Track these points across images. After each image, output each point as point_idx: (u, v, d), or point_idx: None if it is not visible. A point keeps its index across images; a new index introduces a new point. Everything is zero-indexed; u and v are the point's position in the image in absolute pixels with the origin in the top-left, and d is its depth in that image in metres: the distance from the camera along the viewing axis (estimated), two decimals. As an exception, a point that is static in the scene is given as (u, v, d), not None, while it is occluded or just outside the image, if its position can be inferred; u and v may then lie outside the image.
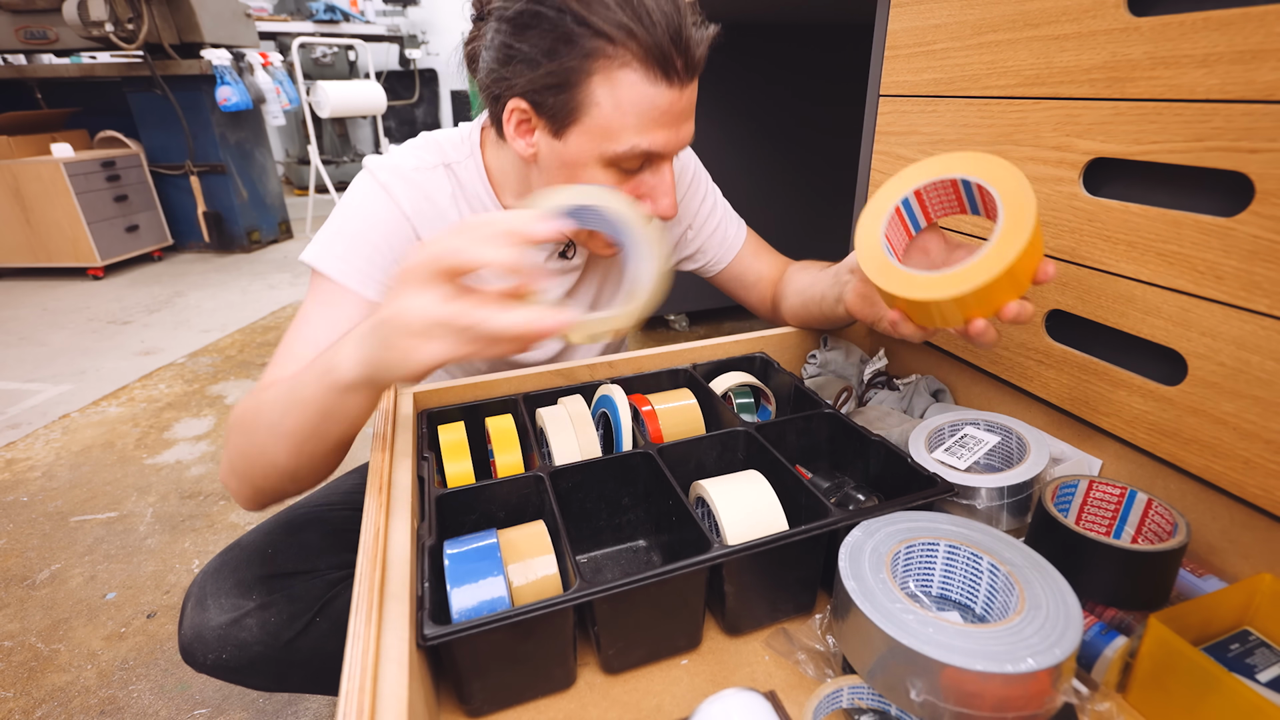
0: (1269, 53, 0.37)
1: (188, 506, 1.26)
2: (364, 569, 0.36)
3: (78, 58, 3.15)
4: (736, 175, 1.83)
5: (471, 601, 0.38)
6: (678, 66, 0.53)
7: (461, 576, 0.39)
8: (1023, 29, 0.51)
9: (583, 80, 0.54)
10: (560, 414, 0.57)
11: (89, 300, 2.53)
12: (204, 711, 0.84)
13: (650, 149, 0.56)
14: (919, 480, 0.47)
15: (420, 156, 0.69)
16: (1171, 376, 0.45)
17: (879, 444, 0.51)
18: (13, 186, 2.64)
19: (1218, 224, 0.40)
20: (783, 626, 0.45)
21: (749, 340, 0.71)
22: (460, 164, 0.70)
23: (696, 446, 0.54)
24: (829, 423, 0.57)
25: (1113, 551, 0.40)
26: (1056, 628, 0.33)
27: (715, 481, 0.47)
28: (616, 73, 0.53)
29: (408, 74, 4.85)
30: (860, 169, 0.73)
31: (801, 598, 0.46)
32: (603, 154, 0.56)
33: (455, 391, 0.61)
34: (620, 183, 0.60)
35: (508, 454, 0.54)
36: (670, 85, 0.54)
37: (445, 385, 0.61)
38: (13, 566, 1.11)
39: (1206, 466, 0.43)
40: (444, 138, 0.71)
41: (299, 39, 3.28)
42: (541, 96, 0.56)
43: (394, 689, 0.30)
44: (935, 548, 0.41)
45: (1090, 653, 0.39)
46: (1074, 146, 0.48)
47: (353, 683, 0.29)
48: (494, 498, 0.48)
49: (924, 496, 0.45)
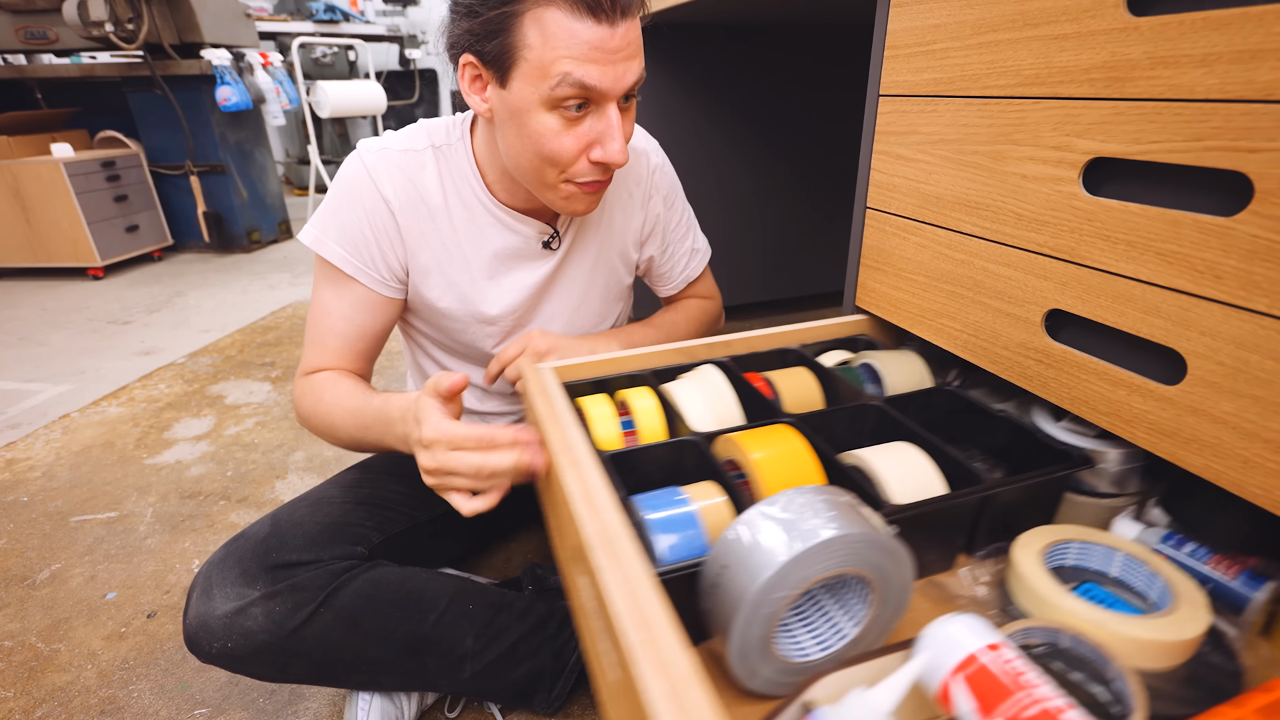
0: (1268, 52, 0.37)
1: (188, 506, 1.26)
2: (584, 514, 0.40)
3: (78, 58, 3.15)
4: (735, 175, 1.83)
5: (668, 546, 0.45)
6: (604, 3, 0.55)
7: (663, 526, 0.45)
8: (1022, 29, 0.51)
9: (514, 23, 0.56)
10: (689, 386, 0.61)
11: (89, 300, 2.53)
12: (204, 711, 0.84)
13: (583, 81, 0.57)
14: (1049, 454, 0.51)
15: (410, 139, 0.72)
16: (1171, 376, 0.45)
17: (1002, 419, 0.55)
18: (13, 186, 2.64)
19: (1217, 223, 0.40)
20: (932, 579, 0.50)
21: (850, 323, 0.76)
22: (449, 147, 0.73)
23: (829, 417, 0.58)
24: (949, 398, 0.60)
25: None
26: None
27: (870, 451, 0.52)
28: (543, 11, 0.55)
29: (408, 74, 4.85)
30: (860, 169, 0.73)
31: (946, 556, 0.51)
32: (542, 96, 0.58)
33: (589, 367, 0.66)
34: (567, 129, 0.61)
35: (651, 422, 0.59)
36: (598, 21, 0.56)
37: (580, 362, 0.65)
38: (13, 566, 1.11)
39: (1206, 466, 0.43)
40: (436, 124, 0.75)
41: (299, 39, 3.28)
42: (483, 45, 0.59)
43: (655, 605, 0.33)
44: None
45: (1239, 598, 0.42)
46: (1073, 146, 0.48)
47: (620, 603, 0.33)
48: (653, 460, 0.54)
49: (1067, 468, 0.50)
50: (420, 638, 0.69)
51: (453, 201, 0.73)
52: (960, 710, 0.33)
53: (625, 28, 0.57)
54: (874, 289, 0.74)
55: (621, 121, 0.62)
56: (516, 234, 0.75)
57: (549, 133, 0.61)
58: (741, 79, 1.74)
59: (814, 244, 2.07)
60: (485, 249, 0.75)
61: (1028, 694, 0.31)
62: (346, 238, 0.71)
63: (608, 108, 0.61)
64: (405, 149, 0.71)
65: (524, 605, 0.76)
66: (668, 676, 0.29)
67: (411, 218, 0.71)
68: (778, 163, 1.89)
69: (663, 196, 0.84)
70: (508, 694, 0.76)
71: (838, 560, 0.37)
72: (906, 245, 0.68)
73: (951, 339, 0.64)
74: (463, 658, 0.71)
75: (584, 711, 0.81)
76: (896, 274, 0.70)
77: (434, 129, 0.73)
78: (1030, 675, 0.32)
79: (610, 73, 0.58)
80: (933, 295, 0.65)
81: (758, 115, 1.80)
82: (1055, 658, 0.40)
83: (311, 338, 0.75)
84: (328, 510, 0.73)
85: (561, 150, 0.62)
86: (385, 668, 0.69)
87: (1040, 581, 0.43)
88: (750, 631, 0.37)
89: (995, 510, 0.50)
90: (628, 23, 0.58)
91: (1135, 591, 0.45)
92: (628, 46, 0.58)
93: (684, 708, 0.27)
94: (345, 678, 0.69)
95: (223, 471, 1.37)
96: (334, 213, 0.71)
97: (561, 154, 0.62)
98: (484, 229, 0.74)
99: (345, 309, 0.74)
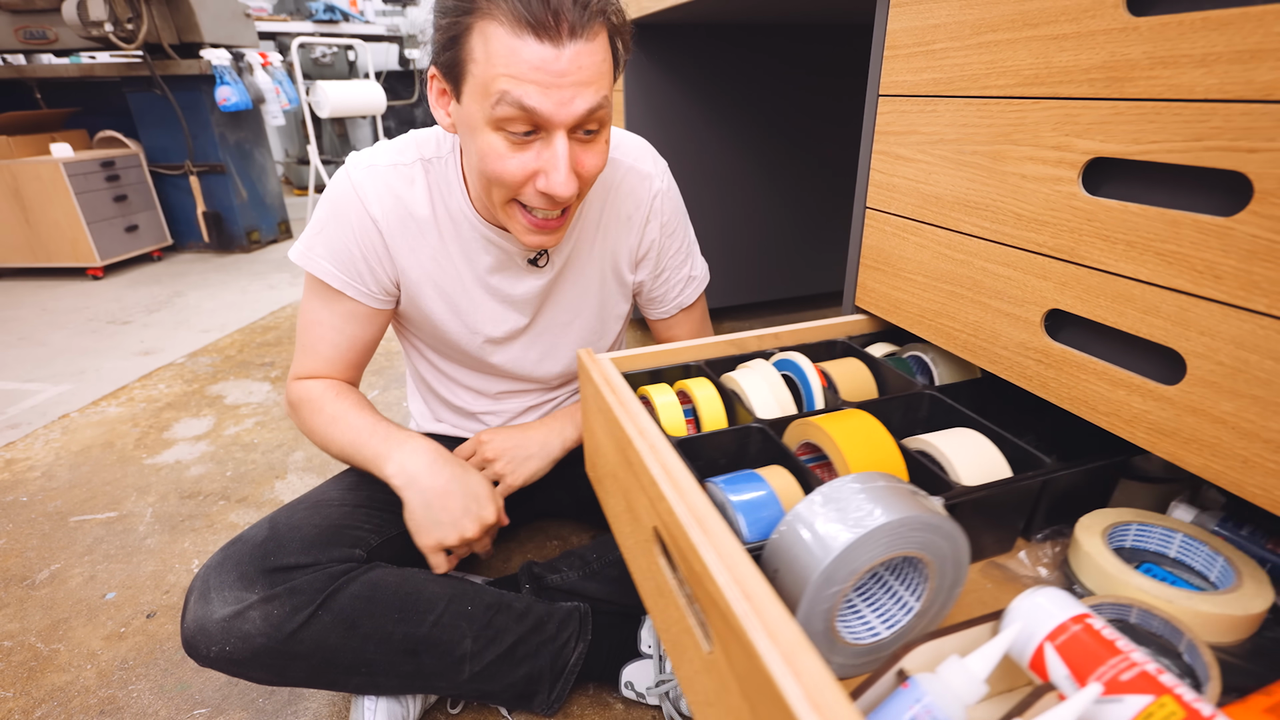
0: (1268, 52, 0.37)
1: (187, 506, 1.26)
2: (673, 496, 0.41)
3: (77, 58, 3.15)
4: (735, 175, 1.83)
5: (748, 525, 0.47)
6: (549, 21, 0.52)
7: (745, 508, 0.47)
8: (1022, 29, 0.51)
9: (464, 36, 0.55)
10: (751, 375, 0.63)
11: (88, 300, 2.53)
12: (204, 711, 0.84)
13: (522, 103, 0.54)
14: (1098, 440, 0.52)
15: (399, 153, 0.72)
16: (1170, 376, 0.45)
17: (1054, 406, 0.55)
18: (12, 186, 2.64)
19: (1216, 223, 0.40)
20: (993, 560, 0.51)
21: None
22: (438, 160, 0.72)
23: (886, 405, 0.60)
24: (997, 386, 0.61)
25: None
26: None
27: (935, 435, 0.54)
28: (487, 25, 0.53)
29: (407, 74, 4.84)
30: (860, 169, 0.73)
31: (1006, 538, 0.52)
32: (485, 114, 0.56)
33: (644, 359, 0.67)
34: (512, 152, 0.58)
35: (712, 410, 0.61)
36: (540, 40, 0.52)
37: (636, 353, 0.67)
38: (12, 566, 1.11)
39: (1205, 465, 0.43)
40: (426, 135, 0.74)
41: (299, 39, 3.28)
42: (441, 58, 0.58)
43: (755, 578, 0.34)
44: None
45: None
46: (1073, 146, 0.48)
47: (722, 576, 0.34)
48: (718, 445, 0.56)
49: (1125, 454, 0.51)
50: (419, 639, 0.69)
51: (441, 215, 0.72)
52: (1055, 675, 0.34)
53: (574, 51, 0.53)
54: (874, 289, 0.74)
55: (579, 153, 0.59)
56: (502, 250, 0.74)
57: (493, 153, 0.58)
58: (741, 79, 1.74)
59: (814, 244, 2.06)
60: (476, 264, 0.75)
61: (1124, 658, 0.32)
62: (334, 254, 0.71)
63: (554, 135, 0.57)
64: (393, 164, 0.71)
65: (523, 606, 0.76)
66: (778, 643, 0.30)
67: (400, 235, 0.71)
68: (778, 163, 1.89)
69: (662, 223, 0.82)
70: (507, 695, 0.76)
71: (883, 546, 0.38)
72: (906, 245, 0.68)
73: (951, 339, 0.64)
74: (461, 659, 0.71)
75: (583, 712, 0.81)
76: (896, 274, 0.70)
77: (423, 141, 0.73)
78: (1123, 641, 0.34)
79: (553, 97, 0.54)
80: (933, 295, 0.65)
81: (758, 115, 1.80)
82: (1125, 633, 0.40)
83: (303, 344, 0.77)
84: (326, 513, 0.73)
85: (504, 172, 0.59)
86: (384, 670, 0.69)
87: (1106, 560, 0.44)
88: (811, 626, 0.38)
89: (1054, 494, 0.51)
90: (578, 45, 0.54)
91: (1195, 571, 0.46)
92: (577, 71, 0.54)
93: (799, 670, 0.28)
94: (344, 681, 0.69)
95: (222, 471, 1.37)
96: (321, 230, 0.72)
97: (504, 176, 0.59)
98: (470, 244, 0.74)
99: (335, 320, 0.75)
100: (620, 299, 0.86)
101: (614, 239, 0.81)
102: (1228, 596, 0.41)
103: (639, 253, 0.83)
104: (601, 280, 0.82)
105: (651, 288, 0.87)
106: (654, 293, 0.88)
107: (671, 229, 0.84)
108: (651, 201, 0.81)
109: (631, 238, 0.81)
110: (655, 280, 0.86)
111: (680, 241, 0.86)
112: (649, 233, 0.82)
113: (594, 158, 0.62)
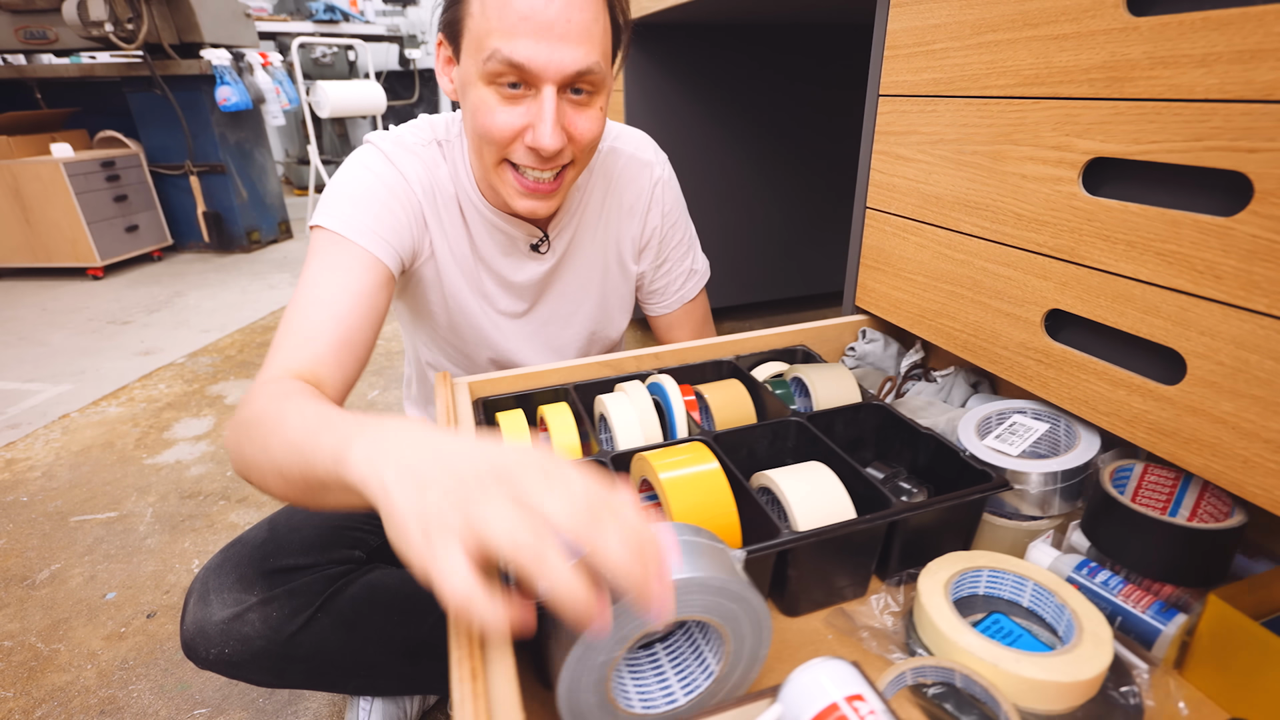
0: (1268, 52, 0.37)
1: (187, 506, 1.26)
2: None
3: (77, 58, 3.15)
4: (736, 175, 1.83)
5: None
6: None
7: None
8: (1022, 29, 0.51)
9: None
10: (622, 400, 0.59)
11: (88, 300, 2.53)
12: (204, 711, 0.84)
13: (512, 58, 0.55)
14: (971, 474, 0.50)
15: (417, 133, 0.72)
16: (1171, 376, 0.45)
17: (928, 436, 0.54)
18: (12, 186, 2.64)
19: (1216, 223, 0.40)
20: (840, 608, 0.48)
21: (790, 333, 0.73)
22: (451, 142, 0.73)
23: (750, 434, 0.56)
24: (877, 414, 0.59)
25: (1175, 530, 0.41)
26: None
27: (781, 472, 0.49)
28: None
29: (407, 74, 4.84)
30: (860, 169, 0.73)
31: (858, 582, 0.49)
32: (478, 69, 0.58)
33: (508, 381, 0.64)
34: (502, 106, 0.59)
35: (566, 439, 0.56)
36: None
37: (498, 376, 0.64)
38: (13, 566, 1.11)
39: (1205, 465, 0.43)
40: (438, 118, 0.76)
41: (299, 39, 3.28)
42: (444, 20, 0.60)
43: None
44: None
45: (1150, 630, 0.41)
46: (1073, 146, 0.48)
47: None
48: None
49: (980, 491, 0.48)
50: (418, 641, 0.69)
51: (459, 194, 0.73)
52: None
53: (564, 4, 0.55)
54: (874, 289, 0.74)
55: (570, 113, 0.60)
56: (504, 234, 0.74)
57: (484, 107, 0.59)
58: (742, 80, 1.74)
59: (814, 244, 2.07)
60: (481, 246, 0.75)
61: None
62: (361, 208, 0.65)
63: (543, 90, 0.58)
64: (416, 141, 0.71)
65: None
66: None
67: (430, 204, 0.71)
68: (778, 163, 1.89)
69: (663, 212, 0.83)
70: None
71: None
72: (906, 245, 0.68)
73: (951, 339, 0.64)
74: None
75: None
76: (896, 274, 0.70)
77: (436, 123, 0.73)
78: None
79: (542, 50, 0.55)
80: (933, 295, 0.65)
81: (758, 115, 1.80)
82: (949, 698, 0.39)
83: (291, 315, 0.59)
84: (325, 514, 0.73)
85: (494, 126, 0.59)
86: (383, 672, 0.69)
87: (941, 615, 0.42)
88: (580, 698, 0.35)
89: (907, 534, 0.48)
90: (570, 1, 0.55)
91: (1046, 623, 0.43)
92: (566, 24, 0.55)
93: None
94: (343, 682, 0.69)
95: (222, 471, 1.37)
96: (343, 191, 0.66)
97: (493, 130, 0.60)
98: (476, 225, 0.74)
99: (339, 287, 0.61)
100: (625, 292, 0.86)
101: (616, 228, 0.81)
102: (1058, 660, 0.38)
103: (641, 241, 0.83)
104: (605, 270, 0.82)
105: (654, 279, 0.87)
106: (656, 284, 0.88)
107: (673, 218, 0.84)
108: (653, 189, 0.81)
109: (634, 226, 0.82)
110: (657, 271, 0.86)
111: (682, 232, 0.86)
112: (651, 220, 0.82)
113: (586, 121, 0.62)
